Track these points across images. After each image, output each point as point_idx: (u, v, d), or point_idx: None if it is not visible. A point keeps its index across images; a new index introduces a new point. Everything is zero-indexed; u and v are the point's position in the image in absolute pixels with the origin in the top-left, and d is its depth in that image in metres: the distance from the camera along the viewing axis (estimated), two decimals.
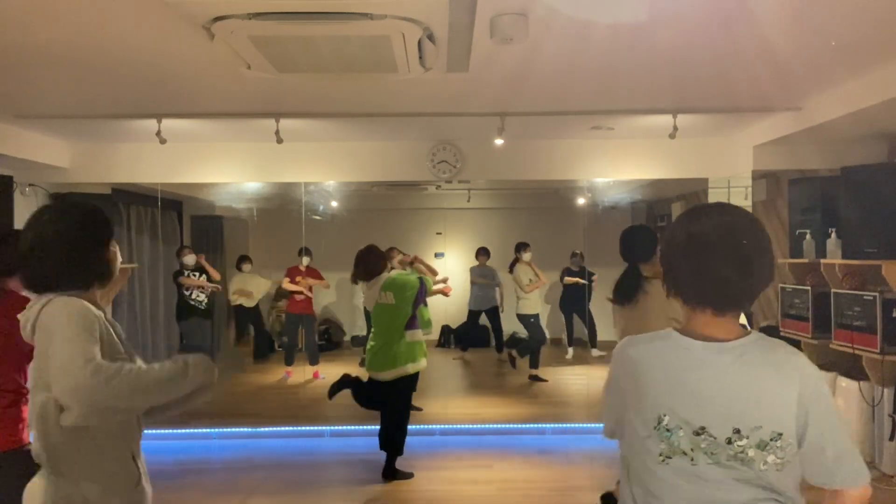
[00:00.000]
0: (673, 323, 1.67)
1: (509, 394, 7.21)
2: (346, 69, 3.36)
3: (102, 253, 1.99)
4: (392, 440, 4.81)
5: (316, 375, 7.66)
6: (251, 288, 8.13)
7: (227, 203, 8.20)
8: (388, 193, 8.55)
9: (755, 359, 1.46)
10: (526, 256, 7.80)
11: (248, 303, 8.16)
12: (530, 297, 7.77)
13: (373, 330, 4.89)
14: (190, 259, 7.13)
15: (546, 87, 3.99)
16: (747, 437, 1.42)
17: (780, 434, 1.41)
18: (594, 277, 8.15)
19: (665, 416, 1.46)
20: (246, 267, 8.06)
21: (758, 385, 1.44)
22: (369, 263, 4.89)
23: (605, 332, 8.90)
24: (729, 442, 1.43)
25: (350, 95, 4.23)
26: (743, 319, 1.62)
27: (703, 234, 1.47)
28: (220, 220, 8.66)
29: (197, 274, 7.14)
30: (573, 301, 8.44)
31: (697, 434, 1.44)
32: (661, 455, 1.46)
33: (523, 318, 7.80)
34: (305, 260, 7.62)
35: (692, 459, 1.44)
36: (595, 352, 8.53)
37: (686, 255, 1.48)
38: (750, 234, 1.47)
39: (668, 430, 1.46)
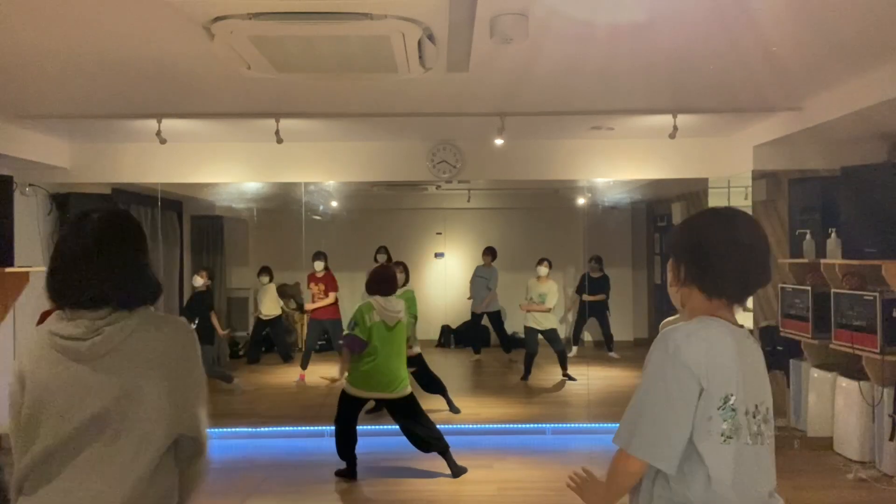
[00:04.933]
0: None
1: (509, 394, 7.20)
2: (346, 69, 3.36)
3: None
4: (435, 439, 4.79)
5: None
6: (273, 301, 8.06)
7: (227, 203, 8.20)
8: (388, 193, 8.55)
9: (754, 343, 1.68)
10: (540, 271, 7.59)
11: (270, 313, 8.11)
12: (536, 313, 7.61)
13: (389, 349, 4.75)
14: (197, 280, 6.98)
15: (546, 87, 3.99)
16: (759, 413, 1.58)
17: (768, 408, 1.61)
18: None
19: (732, 395, 1.52)
20: (264, 279, 8.00)
21: (762, 365, 1.65)
22: (391, 277, 4.91)
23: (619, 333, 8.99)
24: (753, 417, 1.57)
25: (350, 95, 4.23)
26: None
27: (743, 237, 1.62)
28: (220, 220, 8.66)
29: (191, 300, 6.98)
30: (593, 306, 8.46)
31: (747, 412, 1.56)
32: (723, 435, 1.51)
33: (526, 330, 7.73)
34: (318, 265, 7.41)
35: (738, 436, 1.54)
36: (613, 355, 8.56)
37: (726, 255, 1.61)
38: (765, 236, 1.67)
39: (732, 410, 1.52)
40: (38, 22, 2.82)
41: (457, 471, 4.78)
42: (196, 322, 6.86)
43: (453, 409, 6.25)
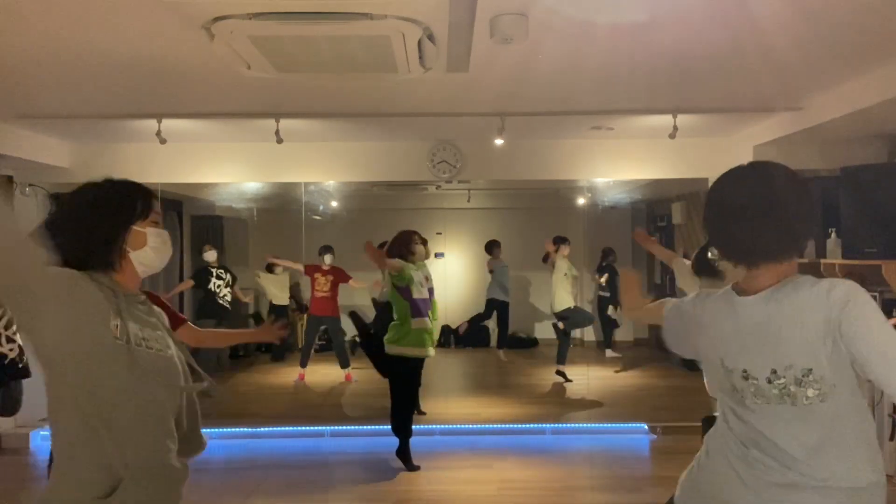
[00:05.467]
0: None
1: (509, 394, 7.20)
2: (346, 69, 3.36)
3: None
4: (394, 421, 4.88)
5: (348, 378, 7.51)
6: (280, 287, 8.27)
7: (227, 203, 8.20)
8: (388, 193, 8.55)
9: (780, 300, 1.54)
10: (564, 250, 7.65)
11: (281, 300, 8.33)
12: (560, 292, 7.64)
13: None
14: (210, 255, 7.28)
15: (546, 87, 3.99)
16: (784, 377, 1.53)
17: (810, 369, 1.50)
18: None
19: (724, 359, 1.62)
20: (278, 269, 8.16)
21: (781, 326, 1.53)
22: (392, 247, 4.90)
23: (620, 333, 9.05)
24: (769, 382, 1.54)
25: (350, 95, 4.23)
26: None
27: (719, 197, 1.66)
28: (220, 220, 8.66)
29: (222, 271, 7.34)
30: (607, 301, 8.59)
31: (745, 378, 1.58)
32: (720, 387, 1.67)
33: (557, 315, 7.76)
34: (328, 258, 7.41)
35: (742, 397, 1.60)
36: (610, 352, 8.62)
37: (712, 219, 1.67)
38: (760, 189, 1.60)
39: (728, 370, 1.62)
40: (38, 22, 2.82)
41: (410, 466, 4.87)
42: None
43: None
